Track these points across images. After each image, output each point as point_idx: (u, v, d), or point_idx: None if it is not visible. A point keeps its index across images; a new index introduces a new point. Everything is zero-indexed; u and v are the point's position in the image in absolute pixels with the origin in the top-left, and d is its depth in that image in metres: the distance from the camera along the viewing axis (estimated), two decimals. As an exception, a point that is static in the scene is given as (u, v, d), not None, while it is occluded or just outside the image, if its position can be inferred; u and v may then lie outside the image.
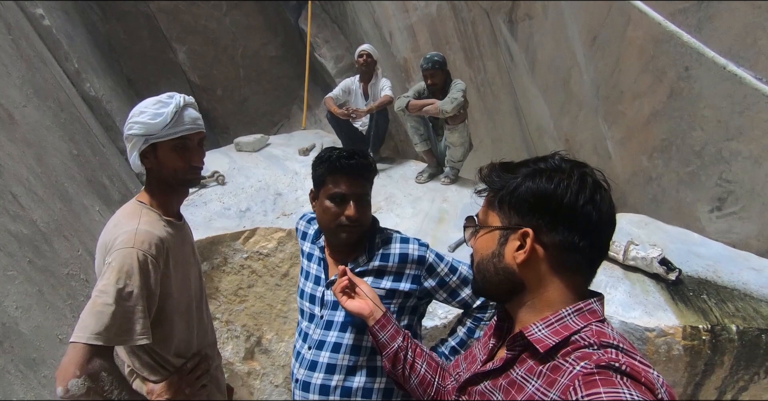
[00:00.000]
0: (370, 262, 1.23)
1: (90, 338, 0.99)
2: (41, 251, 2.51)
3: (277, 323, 2.73)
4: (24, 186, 2.68)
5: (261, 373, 2.76)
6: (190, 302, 1.29)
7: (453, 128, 3.02)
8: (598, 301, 0.72)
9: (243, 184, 3.36)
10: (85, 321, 1.01)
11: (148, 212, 1.21)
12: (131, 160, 1.23)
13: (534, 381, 0.68)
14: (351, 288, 1.13)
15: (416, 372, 1.01)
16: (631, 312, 1.73)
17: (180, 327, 1.24)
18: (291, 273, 2.69)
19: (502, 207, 0.75)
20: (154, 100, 1.21)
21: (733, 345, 1.64)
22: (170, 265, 1.18)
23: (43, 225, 2.67)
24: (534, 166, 0.74)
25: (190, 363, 1.27)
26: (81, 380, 0.96)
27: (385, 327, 1.05)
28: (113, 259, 1.07)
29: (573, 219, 0.70)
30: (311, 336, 1.24)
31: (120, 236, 1.11)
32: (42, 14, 4.33)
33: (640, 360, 0.63)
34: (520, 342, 0.73)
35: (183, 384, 1.23)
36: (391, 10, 5.10)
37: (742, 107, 3.14)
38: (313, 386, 1.19)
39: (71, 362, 0.97)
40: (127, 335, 1.05)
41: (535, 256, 0.71)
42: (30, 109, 3.28)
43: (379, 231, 1.29)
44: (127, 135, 1.21)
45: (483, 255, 0.78)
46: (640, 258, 1.99)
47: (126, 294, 1.05)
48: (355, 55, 3.65)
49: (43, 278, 2.40)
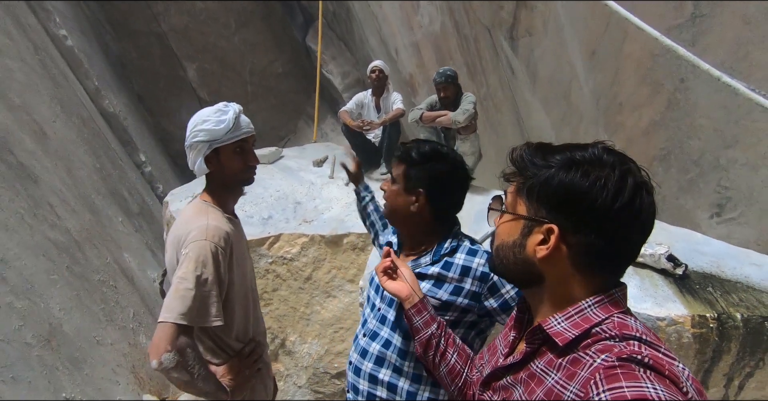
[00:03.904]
0: (431, 266, 1.19)
1: (177, 318, 1.11)
2: (76, 258, 2.64)
3: (300, 325, 2.84)
4: (58, 196, 2.82)
5: (285, 374, 2.86)
6: (247, 292, 1.41)
7: (465, 138, 3.18)
8: (620, 292, 0.69)
9: (262, 194, 3.50)
10: (171, 304, 1.13)
11: (213, 210, 1.33)
12: (196, 166, 1.34)
13: (553, 373, 0.66)
14: (394, 270, 1.12)
15: (446, 361, 1.00)
16: (643, 304, 1.86)
17: (240, 313, 1.36)
18: (314, 277, 2.81)
19: (531, 196, 0.70)
20: (214, 109, 1.34)
21: (738, 332, 1.77)
22: (233, 257, 1.31)
23: (76, 233, 2.80)
24: (571, 154, 0.67)
25: (247, 348, 1.39)
26: (172, 354, 1.08)
27: (420, 312, 1.05)
28: (189, 250, 1.19)
29: (604, 223, 0.64)
30: (368, 324, 1.29)
31: (193, 230, 1.23)
32: (65, 35, 4.53)
33: (664, 352, 0.60)
34: (539, 336, 0.71)
35: (242, 366, 1.36)
36: (396, 28, 5.32)
37: (738, 116, 3.30)
38: (363, 373, 1.24)
39: (162, 339, 1.08)
40: (205, 317, 1.17)
41: (557, 253, 0.67)
42: (59, 125, 3.45)
43: (454, 236, 1.23)
44: (192, 142, 1.32)
45: (504, 241, 0.74)
46: (648, 255, 2.13)
47: (203, 281, 1.16)
48: (367, 71, 3.84)
49: (80, 283, 2.52)
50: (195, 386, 1.16)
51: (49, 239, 2.47)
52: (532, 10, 4.63)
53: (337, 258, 2.79)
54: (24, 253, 2.17)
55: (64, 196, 2.93)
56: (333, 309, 2.78)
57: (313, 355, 2.79)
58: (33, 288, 2.10)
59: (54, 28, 4.50)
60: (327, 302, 2.79)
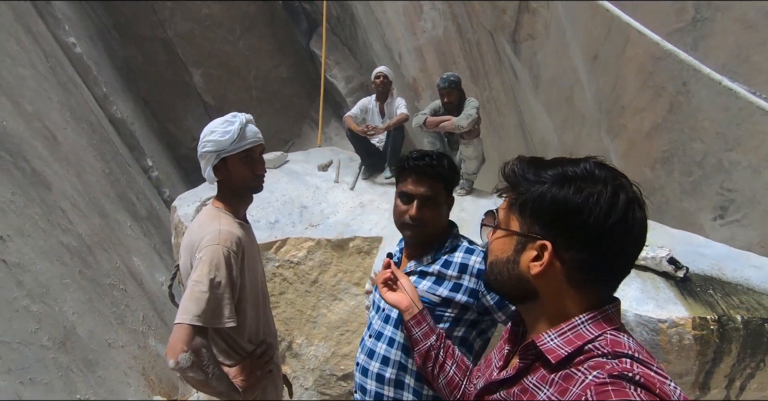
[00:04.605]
0: (432, 264, 1.23)
1: (192, 319, 1.16)
2: (88, 262, 2.69)
3: (306, 328, 2.88)
4: (70, 202, 2.88)
5: (292, 377, 2.90)
6: (258, 294, 1.46)
7: (468, 143, 3.22)
8: (613, 308, 0.69)
9: (268, 198, 3.54)
10: (187, 306, 1.17)
11: (225, 215, 1.39)
12: (206, 174, 1.40)
13: (546, 389, 0.66)
14: (394, 282, 1.13)
15: (445, 373, 1.01)
16: (644, 306, 1.89)
17: (251, 315, 1.41)
18: (320, 281, 2.85)
19: (523, 212, 0.70)
20: (222, 120, 1.39)
21: (739, 333, 1.80)
22: (245, 261, 1.36)
23: (87, 238, 2.86)
24: (563, 169, 0.68)
25: (259, 349, 1.44)
26: (188, 354, 1.12)
27: (419, 323, 1.05)
28: (203, 254, 1.24)
29: (597, 240, 0.64)
30: (373, 326, 1.32)
31: (206, 235, 1.28)
32: (74, 42, 4.60)
33: (656, 370, 0.60)
34: (532, 352, 0.71)
35: (254, 367, 1.40)
36: (400, 33, 5.37)
37: (739, 119, 3.32)
38: (371, 373, 1.26)
39: (179, 339, 1.13)
40: (219, 318, 1.21)
41: (551, 270, 0.67)
42: (69, 131, 3.51)
43: (453, 237, 1.28)
44: (201, 152, 1.38)
45: (498, 257, 0.74)
46: (650, 258, 2.17)
47: (216, 283, 1.21)
48: (372, 77, 3.89)
49: (91, 287, 2.57)
50: (209, 385, 1.20)
51: (62, 244, 2.53)
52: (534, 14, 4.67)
53: (343, 262, 2.83)
54: (39, 258, 2.22)
55: (75, 201, 2.99)
56: (339, 312, 2.82)
57: (320, 357, 2.84)
58: (48, 291, 2.16)
59: (63, 36, 4.58)
60: (333, 305, 2.83)
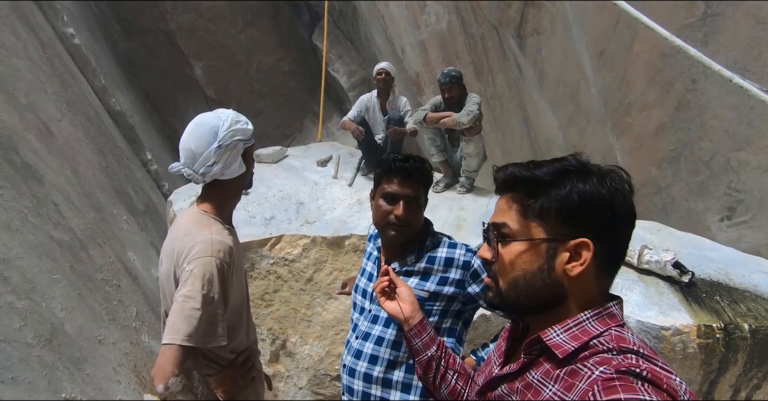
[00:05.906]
0: (417, 263, 1.28)
1: (183, 340, 1.06)
2: (79, 257, 2.64)
3: (301, 327, 2.83)
4: (63, 195, 2.83)
5: (285, 376, 2.85)
6: (243, 303, 1.39)
7: (469, 139, 3.15)
8: (617, 305, 0.70)
9: (265, 193, 3.49)
10: (177, 324, 1.07)
11: (214, 222, 1.28)
12: (235, 166, 1.27)
13: (551, 385, 0.66)
14: (392, 289, 1.10)
15: (447, 383, 1.00)
16: (647, 312, 1.82)
17: (237, 325, 1.33)
18: (315, 279, 2.80)
19: (546, 217, 0.69)
20: (233, 112, 1.29)
21: (746, 343, 1.73)
22: (233, 270, 1.27)
23: (80, 232, 2.80)
24: (562, 165, 0.69)
25: (240, 358, 1.37)
26: (179, 378, 1.03)
27: (420, 333, 1.03)
28: (194, 267, 1.13)
29: (620, 227, 0.67)
30: (359, 327, 1.33)
31: (197, 245, 1.17)
32: (73, 33, 4.54)
33: (662, 365, 0.61)
34: (537, 347, 0.71)
35: (237, 376, 1.34)
36: (403, 27, 5.29)
37: (749, 118, 3.23)
38: (358, 373, 1.28)
39: (169, 362, 1.03)
40: (212, 337, 1.13)
41: (588, 266, 0.67)
42: (64, 123, 3.46)
43: (431, 235, 1.33)
44: (231, 142, 1.23)
45: (526, 270, 0.71)
46: (654, 261, 2.09)
47: (209, 300, 1.12)
48: (373, 72, 3.81)
49: (82, 282, 2.52)
50: None
51: (53, 238, 2.48)
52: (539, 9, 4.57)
53: (338, 260, 2.77)
54: (26, 253, 2.17)
55: (68, 195, 2.94)
56: (334, 311, 2.77)
57: (314, 357, 2.79)
58: (35, 288, 2.11)
59: (62, 27, 4.52)
60: (328, 304, 2.78)
